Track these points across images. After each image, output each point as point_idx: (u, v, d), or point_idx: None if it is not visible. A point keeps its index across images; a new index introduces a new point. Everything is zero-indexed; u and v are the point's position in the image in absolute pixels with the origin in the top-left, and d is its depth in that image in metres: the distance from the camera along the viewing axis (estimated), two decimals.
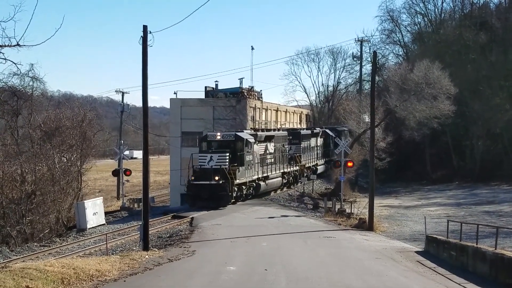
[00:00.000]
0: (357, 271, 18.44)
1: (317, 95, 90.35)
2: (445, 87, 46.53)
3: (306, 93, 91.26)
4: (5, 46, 13.90)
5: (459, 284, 17.81)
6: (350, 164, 39.76)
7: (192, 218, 30.38)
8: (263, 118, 67.31)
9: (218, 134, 35.85)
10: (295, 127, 72.24)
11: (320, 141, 55.77)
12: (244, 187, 36.11)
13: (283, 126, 65.13)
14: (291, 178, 46.08)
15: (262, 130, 41.46)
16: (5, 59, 14.76)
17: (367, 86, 72.16)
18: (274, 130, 44.28)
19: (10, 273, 14.65)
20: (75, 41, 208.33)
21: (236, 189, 34.59)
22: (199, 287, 15.54)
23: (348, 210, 36.25)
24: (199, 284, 15.76)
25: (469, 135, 59.98)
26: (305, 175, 48.27)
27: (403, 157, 60.87)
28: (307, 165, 49.99)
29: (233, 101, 60.82)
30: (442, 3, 71.90)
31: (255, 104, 64.48)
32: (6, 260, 21.89)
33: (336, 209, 36.04)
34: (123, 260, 18.63)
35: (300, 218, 32.86)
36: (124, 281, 15.89)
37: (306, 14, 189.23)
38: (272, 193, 43.73)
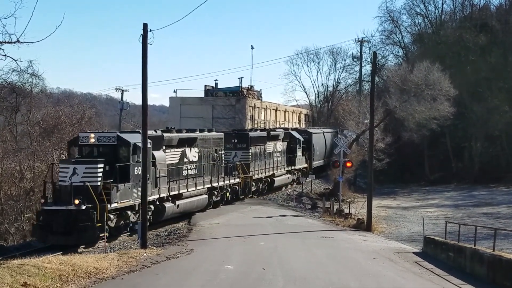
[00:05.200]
0: (355, 271, 18.47)
1: (317, 95, 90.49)
2: (444, 88, 46.58)
3: (305, 93, 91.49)
4: (5, 42, 13.94)
5: (456, 285, 17.83)
6: (348, 164, 39.84)
7: (190, 217, 30.36)
8: (263, 118, 67.45)
9: (92, 135, 24.69)
10: (295, 126, 72.33)
11: (281, 145, 44.95)
12: (130, 212, 24.76)
13: (281, 126, 65.12)
14: (227, 194, 34.96)
15: (178, 131, 30.41)
16: (5, 55, 14.80)
17: (366, 86, 72.18)
18: (202, 131, 32.97)
19: (8, 270, 14.68)
20: (75, 39, 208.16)
21: (112, 216, 23.50)
22: (197, 285, 15.56)
23: (346, 211, 36.25)
24: (196, 283, 15.78)
25: (468, 137, 60.04)
26: (253, 189, 39.14)
27: (402, 158, 60.87)
28: (256, 176, 39.29)
29: (232, 100, 60.95)
30: (443, 4, 71.98)
31: (255, 104, 64.65)
32: (4, 257, 21.86)
33: (334, 209, 36.04)
34: (121, 257, 18.66)
35: (298, 218, 32.87)
36: (122, 278, 15.92)
37: (306, 14, 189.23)
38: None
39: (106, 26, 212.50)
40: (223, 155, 34.75)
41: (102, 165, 23.42)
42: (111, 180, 23.39)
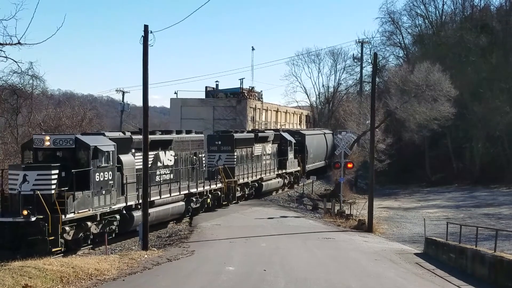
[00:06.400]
0: (356, 272, 18.47)
1: (318, 96, 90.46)
2: (445, 89, 46.66)
3: (306, 94, 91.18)
4: (6, 44, 13.98)
5: (458, 286, 17.83)
6: (349, 165, 39.86)
7: (191, 218, 30.36)
8: (263, 119, 67.39)
9: (47, 138, 22.32)
10: (295, 127, 72.31)
11: (271, 148, 42.44)
12: (91, 223, 22.34)
13: (282, 127, 65.08)
14: (208, 200, 32.35)
15: (152, 133, 27.06)
16: (6, 57, 14.85)
17: (367, 87, 72.16)
18: (179, 132, 30.84)
19: (9, 271, 14.68)
20: (76, 40, 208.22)
21: (68, 228, 21.05)
22: (198, 287, 15.56)
23: (347, 212, 36.27)
24: (198, 284, 15.78)
25: (469, 137, 60.06)
26: (238, 194, 36.44)
27: (403, 159, 60.87)
28: (241, 181, 36.83)
29: (233, 101, 60.87)
30: (443, 5, 72.09)
31: (255, 105, 64.56)
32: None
33: (336, 210, 36.06)
34: (122, 259, 18.66)
35: (299, 219, 32.87)
36: (123, 280, 15.91)
37: (306, 15, 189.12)
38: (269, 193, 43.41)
39: (107, 27, 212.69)
40: (203, 158, 32.56)
41: (56, 171, 21.04)
42: (66, 188, 20.97)
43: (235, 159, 36.17)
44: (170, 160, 28.67)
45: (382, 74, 69.49)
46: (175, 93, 64.80)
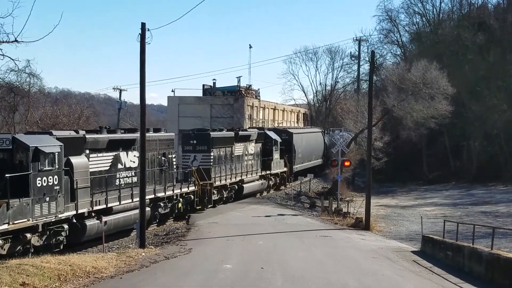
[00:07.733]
0: (353, 270, 18.49)
1: (315, 94, 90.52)
2: (442, 87, 46.72)
3: (304, 92, 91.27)
4: (3, 42, 13.94)
5: (455, 284, 17.86)
6: (347, 163, 39.92)
7: (188, 216, 30.36)
8: (261, 117, 67.40)
9: None
10: (292, 125, 72.35)
11: (254, 147, 39.83)
12: (31, 235, 19.25)
13: (279, 125, 65.11)
14: (179, 205, 29.69)
15: (111, 131, 25.32)
16: (3, 55, 14.82)
17: (364, 85, 72.36)
18: (147, 131, 26.52)
19: (7, 269, 14.66)
20: (73, 38, 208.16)
21: (1, 242, 18.09)
22: (195, 284, 15.57)
23: (344, 210, 36.29)
24: (195, 282, 15.79)
25: (466, 135, 60.15)
26: (215, 197, 33.87)
27: (400, 157, 60.97)
28: (218, 183, 33.95)
29: (230, 99, 60.89)
30: (441, 3, 72.20)
31: (253, 103, 64.57)
32: None
33: (333, 208, 36.07)
34: (119, 257, 18.66)
35: (296, 217, 32.89)
36: (121, 278, 15.91)
37: (304, 13, 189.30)
38: (267, 192, 43.37)
39: (105, 25, 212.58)
40: (174, 159, 30.11)
41: None
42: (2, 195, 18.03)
43: (212, 160, 33.58)
44: (134, 162, 25.75)
45: (380, 72, 69.59)
46: (172, 91, 65.03)
